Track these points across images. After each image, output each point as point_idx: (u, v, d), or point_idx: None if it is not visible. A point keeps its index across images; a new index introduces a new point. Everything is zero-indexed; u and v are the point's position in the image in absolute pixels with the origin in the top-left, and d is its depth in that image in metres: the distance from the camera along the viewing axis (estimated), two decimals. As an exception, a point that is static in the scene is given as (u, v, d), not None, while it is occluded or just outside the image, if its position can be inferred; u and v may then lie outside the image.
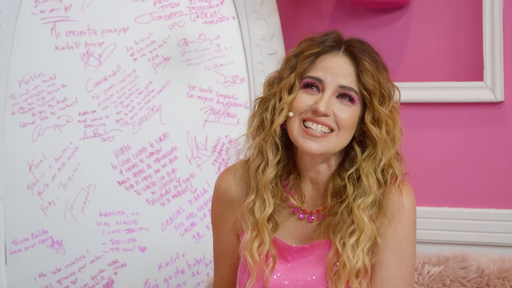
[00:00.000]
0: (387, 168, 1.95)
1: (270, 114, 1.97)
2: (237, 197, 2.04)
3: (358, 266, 1.90)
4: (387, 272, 1.94)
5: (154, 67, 2.81)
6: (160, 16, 2.81)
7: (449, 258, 2.51)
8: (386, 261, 1.94)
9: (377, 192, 1.94)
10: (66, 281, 2.81)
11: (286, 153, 2.01)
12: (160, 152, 2.80)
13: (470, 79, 2.74)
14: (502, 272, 2.46)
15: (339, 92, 1.93)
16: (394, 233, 1.95)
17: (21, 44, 2.84)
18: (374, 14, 2.87)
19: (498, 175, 2.72)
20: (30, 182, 2.83)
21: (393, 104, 1.97)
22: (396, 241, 1.95)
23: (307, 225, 2.01)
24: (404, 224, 1.95)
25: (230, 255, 2.07)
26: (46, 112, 2.83)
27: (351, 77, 1.94)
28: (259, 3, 2.79)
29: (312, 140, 1.92)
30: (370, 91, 1.93)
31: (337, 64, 1.94)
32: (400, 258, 1.95)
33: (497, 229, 2.70)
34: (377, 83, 1.93)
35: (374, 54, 1.98)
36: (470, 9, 2.75)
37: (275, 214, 2.00)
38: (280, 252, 2.00)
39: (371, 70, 1.93)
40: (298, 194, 2.02)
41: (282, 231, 2.01)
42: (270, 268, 1.97)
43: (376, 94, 1.93)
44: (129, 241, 2.79)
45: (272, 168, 1.98)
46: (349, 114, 1.93)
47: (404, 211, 1.96)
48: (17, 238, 2.83)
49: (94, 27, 2.82)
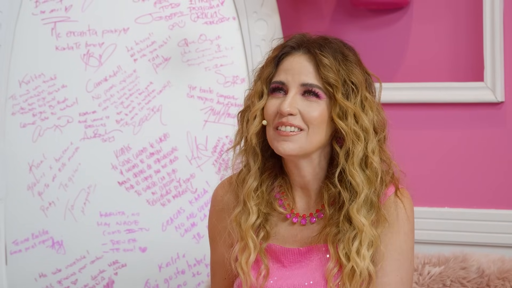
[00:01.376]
0: (369, 163, 1.93)
1: (246, 125, 1.99)
2: (230, 209, 2.04)
3: (366, 266, 1.90)
4: (388, 277, 1.94)
5: (154, 68, 2.81)
6: (160, 16, 2.81)
7: (450, 259, 2.51)
8: (387, 266, 1.94)
9: (368, 190, 1.92)
10: (66, 282, 2.81)
11: (272, 161, 2.01)
12: (160, 152, 2.80)
13: (471, 80, 2.74)
14: (502, 273, 2.46)
15: (303, 90, 1.94)
16: (395, 240, 1.95)
17: (22, 45, 2.84)
18: (375, 15, 2.87)
19: (499, 176, 2.72)
20: (31, 183, 2.83)
21: (365, 95, 1.95)
22: (397, 247, 1.95)
23: (301, 229, 2.00)
24: (404, 231, 1.96)
25: (225, 268, 2.05)
26: (47, 112, 2.83)
27: (312, 74, 1.94)
28: (260, 4, 2.79)
29: (285, 141, 1.93)
30: (332, 85, 1.92)
31: (297, 64, 1.95)
32: (400, 264, 1.95)
33: (497, 230, 2.70)
34: (339, 76, 1.92)
35: (340, 47, 1.96)
36: (470, 10, 2.75)
37: (266, 224, 1.99)
38: (275, 257, 1.98)
39: (329, 64, 1.92)
40: (288, 199, 2.02)
41: (276, 238, 2.00)
42: (263, 276, 1.96)
43: (339, 87, 1.92)
44: (129, 242, 2.79)
45: (254, 177, 1.99)
46: (315, 110, 1.93)
47: (404, 218, 1.96)
48: (17, 238, 2.83)
49: (95, 28, 2.82)
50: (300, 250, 1.97)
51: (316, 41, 1.97)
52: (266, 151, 2.00)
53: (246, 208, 1.99)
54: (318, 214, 1.99)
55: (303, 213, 2.01)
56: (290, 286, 1.94)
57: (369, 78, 1.98)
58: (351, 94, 1.93)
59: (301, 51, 1.96)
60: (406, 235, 1.96)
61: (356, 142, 1.92)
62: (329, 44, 1.96)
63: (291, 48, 1.97)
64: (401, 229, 1.95)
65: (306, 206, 2.01)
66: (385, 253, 1.93)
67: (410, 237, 1.96)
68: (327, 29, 2.88)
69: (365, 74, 1.98)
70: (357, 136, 1.92)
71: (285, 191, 2.02)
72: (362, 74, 1.96)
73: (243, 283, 1.97)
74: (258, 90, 1.98)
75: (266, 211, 2.00)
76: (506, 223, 2.69)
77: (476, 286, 2.46)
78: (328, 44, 1.96)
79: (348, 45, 1.99)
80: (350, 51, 1.98)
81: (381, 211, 1.94)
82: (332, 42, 1.97)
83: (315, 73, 1.94)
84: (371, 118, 1.94)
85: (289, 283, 1.95)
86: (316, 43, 1.96)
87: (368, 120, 1.93)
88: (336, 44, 1.97)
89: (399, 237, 1.95)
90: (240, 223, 1.99)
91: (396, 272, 1.94)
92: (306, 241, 1.98)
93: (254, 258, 1.96)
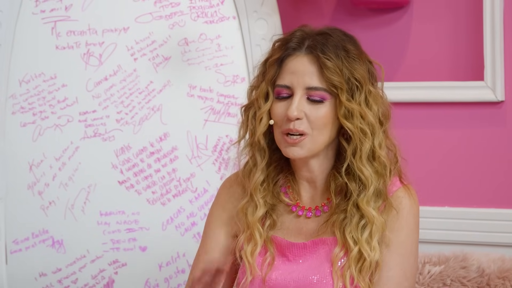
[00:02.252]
0: (377, 157, 1.96)
1: (251, 124, 2.02)
2: (237, 199, 2.07)
3: (376, 257, 1.93)
4: (392, 271, 1.95)
5: (154, 67, 2.81)
6: (160, 15, 2.81)
7: (450, 258, 2.51)
8: (391, 260, 1.95)
9: (376, 182, 1.95)
10: (66, 281, 2.81)
11: (278, 154, 2.04)
12: (160, 151, 2.80)
13: (471, 79, 2.74)
14: (502, 272, 2.46)
15: (308, 94, 1.95)
16: (400, 233, 1.96)
17: (22, 44, 2.84)
18: (375, 14, 2.87)
19: (499, 175, 2.72)
20: (31, 182, 2.82)
21: (369, 89, 1.96)
22: (402, 241, 1.96)
23: (306, 222, 2.01)
24: (409, 226, 1.97)
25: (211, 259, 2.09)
26: (47, 111, 2.83)
27: (316, 76, 1.95)
28: (260, 3, 2.79)
29: (293, 146, 1.95)
30: (337, 87, 1.93)
31: (301, 66, 1.95)
32: (404, 259, 1.96)
33: (497, 229, 2.70)
34: (342, 77, 1.93)
35: (341, 41, 1.97)
36: (470, 9, 2.75)
37: (272, 213, 2.02)
38: (280, 250, 2.00)
39: (333, 66, 1.93)
40: (294, 192, 2.04)
41: (281, 230, 2.02)
42: (268, 264, 1.98)
43: (343, 88, 1.93)
44: (129, 241, 2.79)
45: (261, 171, 2.02)
46: (321, 112, 1.95)
47: (410, 213, 1.97)
48: (17, 237, 2.83)
49: (95, 27, 2.82)
50: (305, 244, 1.98)
51: (318, 40, 1.96)
52: (272, 145, 2.03)
53: (253, 201, 2.02)
54: (324, 208, 2.01)
55: (308, 206, 2.02)
56: (295, 279, 1.96)
57: (371, 67, 1.99)
58: (356, 92, 1.94)
59: (304, 52, 1.96)
60: (411, 230, 1.97)
61: (363, 139, 1.94)
62: (330, 41, 1.96)
63: (293, 49, 1.97)
64: (406, 224, 1.97)
65: (311, 199, 2.03)
66: (389, 247, 1.95)
67: (415, 232, 1.98)
68: (327, 29, 2.88)
69: (367, 63, 1.98)
70: (364, 134, 1.94)
71: (291, 184, 2.05)
72: (365, 66, 1.97)
73: (247, 273, 1.99)
74: (263, 91, 1.99)
75: (272, 202, 2.03)
76: (506, 222, 2.69)
77: (476, 285, 2.46)
78: (330, 41, 1.96)
79: (348, 35, 1.99)
80: (351, 43, 1.98)
81: (388, 199, 1.96)
82: (332, 36, 1.97)
83: (318, 75, 1.95)
84: (376, 112, 1.96)
85: (294, 276, 1.96)
86: (319, 40, 1.96)
87: (374, 115, 1.95)
88: (337, 38, 1.97)
89: (404, 232, 1.96)
90: (246, 214, 2.02)
91: (400, 266, 1.95)
92: (311, 234, 1.99)
93: (259, 250, 1.99)
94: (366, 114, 1.94)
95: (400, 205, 1.97)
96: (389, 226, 1.96)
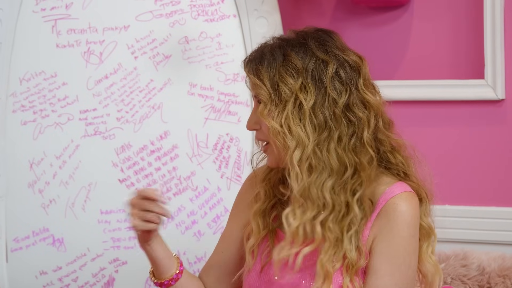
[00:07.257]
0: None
1: None
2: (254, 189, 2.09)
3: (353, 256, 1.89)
4: (382, 280, 1.90)
5: (155, 65, 2.81)
6: (161, 14, 2.81)
7: (450, 256, 2.52)
8: (381, 269, 1.91)
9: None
10: (67, 279, 2.81)
11: None
12: (161, 150, 2.80)
13: (471, 77, 2.75)
14: (503, 270, 2.46)
15: None
16: (390, 243, 1.91)
17: (22, 42, 2.84)
18: (375, 12, 2.87)
19: (499, 173, 2.72)
20: (31, 180, 2.83)
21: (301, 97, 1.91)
22: (393, 250, 1.91)
23: None
24: (402, 234, 1.91)
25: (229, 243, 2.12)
26: (47, 110, 2.83)
27: (253, 88, 1.96)
28: (260, 1, 2.79)
29: (266, 157, 2.01)
30: (263, 101, 1.93)
31: (248, 79, 1.98)
32: (396, 268, 1.91)
33: (498, 227, 2.70)
34: (265, 91, 1.92)
35: (271, 51, 1.94)
36: (471, 7, 2.75)
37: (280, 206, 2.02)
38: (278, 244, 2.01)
39: (256, 83, 1.93)
40: None
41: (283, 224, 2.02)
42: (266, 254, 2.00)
43: (267, 103, 1.92)
44: (130, 239, 2.79)
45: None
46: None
47: (404, 223, 1.92)
48: (18, 236, 2.83)
49: (95, 25, 2.82)
50: None
51: (255, 57, 1.95)
52: None
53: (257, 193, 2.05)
54: None
55: None
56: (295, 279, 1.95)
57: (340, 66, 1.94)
58: (279, 102, 1.91)
59: (245, 66, 1.97)
60: (404, 239, 1.91)
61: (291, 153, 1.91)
62: (266, 55, 1.93)
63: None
64: (398, 233, 1.91)
65: None
66: (380, 255, 1.91)
67: (409, 242, 1.91)
68: (327, 27, 2.86)
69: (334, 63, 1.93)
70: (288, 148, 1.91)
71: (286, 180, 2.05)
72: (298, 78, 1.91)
73: (247, 260, 2.03)
74: None
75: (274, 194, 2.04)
76: (506, 220, 2.69)
77: (476, 283, 2.46)
78: (266, 55, 1.93)
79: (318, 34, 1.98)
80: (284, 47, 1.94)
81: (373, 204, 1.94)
82: (263, 47, 1.95)
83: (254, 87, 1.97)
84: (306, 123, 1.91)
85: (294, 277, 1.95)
86: (255, 59, 1.95)
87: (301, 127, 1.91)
88: (268, 47, 1.95)
89: (395, 241, 1.91)
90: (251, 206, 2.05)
91: (390, 276, 1.90)
92: None
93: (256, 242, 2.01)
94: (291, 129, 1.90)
95: (393, 213, 1.92)
96: (380, 235, 1.92)
